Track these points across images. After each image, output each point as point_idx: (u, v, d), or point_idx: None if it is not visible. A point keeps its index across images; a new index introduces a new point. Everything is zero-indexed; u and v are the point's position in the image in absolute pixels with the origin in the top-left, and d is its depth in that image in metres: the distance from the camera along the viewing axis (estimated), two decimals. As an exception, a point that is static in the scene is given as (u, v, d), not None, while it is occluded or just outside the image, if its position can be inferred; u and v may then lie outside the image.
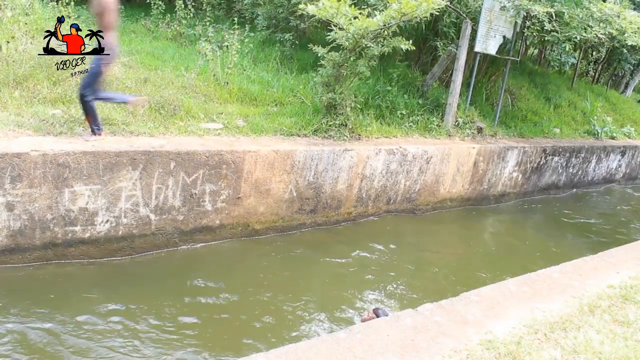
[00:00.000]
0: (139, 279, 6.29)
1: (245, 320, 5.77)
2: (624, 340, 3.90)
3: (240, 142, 7.57)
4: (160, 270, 6.57)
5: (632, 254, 6.17)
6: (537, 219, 11.55)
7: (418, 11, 7.98)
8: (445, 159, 10.00)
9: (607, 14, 10.50)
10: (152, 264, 6.69)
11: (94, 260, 6.47)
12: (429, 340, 3.70)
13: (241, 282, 6.56)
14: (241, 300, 6.16)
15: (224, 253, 7.32)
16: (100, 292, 5.85)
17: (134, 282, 6.19)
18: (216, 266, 6.88)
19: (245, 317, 5.82)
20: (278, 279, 6.79)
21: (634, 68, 22.20)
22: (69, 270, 6.21)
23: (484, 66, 13.58)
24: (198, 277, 6.47)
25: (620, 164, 16.00)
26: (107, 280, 6.14)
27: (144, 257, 6.77)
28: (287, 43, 11.27)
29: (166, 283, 6.24)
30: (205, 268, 6.78)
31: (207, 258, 7.10)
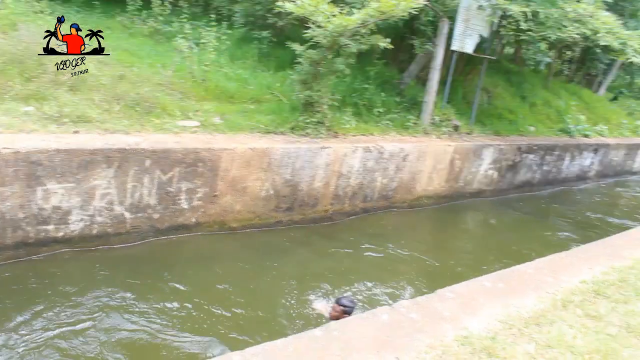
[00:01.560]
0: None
1: (219, 318, 5.75)
2: (596, 334, 3.97)
3: (217, 140, 7.53)
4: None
5: (603, 250, 6.26)
6: (512, 216, 11.67)
7: (397, 10, 8.01)
8: (421, 156, 10.06)
9: (581, 15, 10.63)
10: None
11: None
12: (405, 336, 3.71)
13: (215, 280, 6.52)
14: (215, 299, 6.12)
15: (199, 250, 7.28)
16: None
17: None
18: (190, 263, 6.83)
19: (218, 316, 5.79)
20: (253, 277, 6.76)
21: (606, 68, 22.53)
22: (42, 267, 6.12)
23: (460, 65, 13.67)
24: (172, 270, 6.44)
25: (593, 161, 16.24)
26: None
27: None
28: (264, 40, 11.22)
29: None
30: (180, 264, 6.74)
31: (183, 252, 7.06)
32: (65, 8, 11.05)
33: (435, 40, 10.87)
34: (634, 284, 5.08)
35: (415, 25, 11.43)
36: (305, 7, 7.92)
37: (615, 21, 11.20)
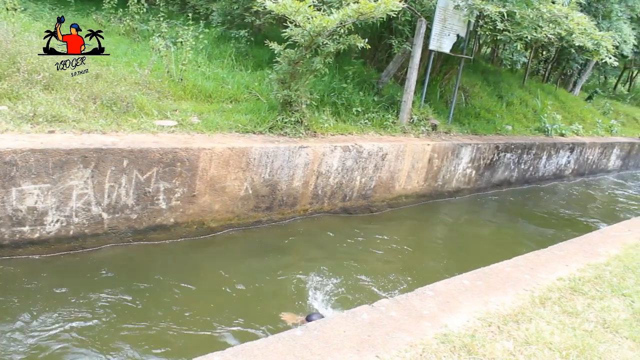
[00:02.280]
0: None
1: (198, 318, 5.71)
2: (573, 330, 4.01)
3: (195, 140, 7.48)
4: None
5: (580, 247, 6.34)
6: (490, 214, 11.77)
7: (376, 12, 8.03)
8: (400, 155, 10.10)
9: (556, 15, 10.77)
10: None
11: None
12: (385, 335, 3.72)
13: (194, 279, 6.48)
14: (194, 298, 6.09)
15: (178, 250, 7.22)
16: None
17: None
18: (171, 263, 6.78)
19: (196, 316, 5.76)
20: (232, 276, 6.73)
21: (581, 68, 22.87)
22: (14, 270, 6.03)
23: (438, 64, 13.77)
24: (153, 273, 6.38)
25: (569, 160, 16.45)
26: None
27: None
28: (242, 39, 11.19)
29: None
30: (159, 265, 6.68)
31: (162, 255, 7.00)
32: (38, 5, 10.92)
33: (413, 40, 10.92)
34: (610, 280, 5.15)
35: (393, 25, 11.48)
36: (285, 6, 7.91)
37: (589, 22, 11.38)
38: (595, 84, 28.96)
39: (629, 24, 18.47)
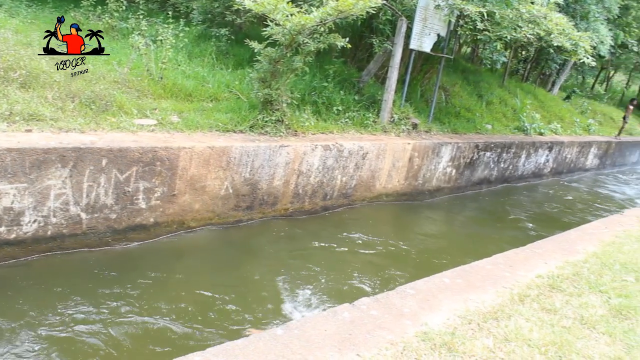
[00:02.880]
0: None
1: (177, 318, 5.68)
2: (551, 327, 4.05)
3: (175, 139, 7.43)
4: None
5: (558, 244, 6.41)
6: (470, 212, 11.85)
7: (355, 9, 8.05)
8: (381, 154, 10.12)
9: (535, 16, 10.88)
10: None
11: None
12: (366, 333, 3.73)
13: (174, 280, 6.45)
14: (175, 298, 6.05)
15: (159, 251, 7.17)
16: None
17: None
18: (149, 263, 6.72)
19: (176, 316, 5.72)
20: (212, 276, 6.71)
21: (560, 67, 23.11)
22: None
23: (419, 63, 13.83)
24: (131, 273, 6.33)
25: (548, 159, 16.62)
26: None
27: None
28: (222, 38, 11.13)
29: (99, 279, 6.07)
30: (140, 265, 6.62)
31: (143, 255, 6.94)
32: (14, 2, 10.76)
33: (394, 39, 10.96)
34: (587, 277, 5.21)
35: (373, 24, 11.51)
36: (264, 5, 7.89)
37: (567, 23, 11.52)
38: (573, 84, 29.27)
39: (606, 25, 18.71)
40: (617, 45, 23.50)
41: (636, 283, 5.21)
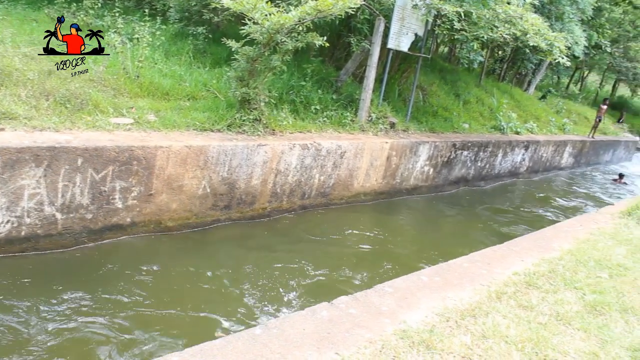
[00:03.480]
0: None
1: (154, 318, 5.63)
2: (528, 323, 4.09)
3: (152, 138, 7.37)
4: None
5: (534, 242, 6.48)
6: (448, 211, 11.93)
7: (334, 9, 8.05)
8: (358, 153, 10.14)
9: (512, 16, 10.99)
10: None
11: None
12: (345, 332, 3.73)
13: (151, 280, 6.39)
14: (152, 298, 6.00)
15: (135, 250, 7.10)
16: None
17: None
18: (126, 263, 6.65)
19: (152, 317, 5.68)
20: (189, 276, 6.66)
21: (535, 67, 23.41)
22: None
23: (396, 63, 13.88)
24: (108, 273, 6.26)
25: (524, 157, 16.80)
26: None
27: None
28: (200, 36, 11.06)
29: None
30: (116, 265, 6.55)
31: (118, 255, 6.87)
32: (-15, 0, 10.59)
33: (372, 39, 10.99)
34: (563, 274, 5.27)
35: (351, 23, 11.52)
36: (243, 3, 7.85)
37: (543, 23, 11.65)
38: (548, 84, 29.65)
39: (580, 26, 18.97)
40: (591, 46, 23.86)
41: (610, 279, 5.29)
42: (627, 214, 8.14)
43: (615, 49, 28.18)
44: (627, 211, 8.24)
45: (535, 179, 17.48)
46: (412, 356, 3.49)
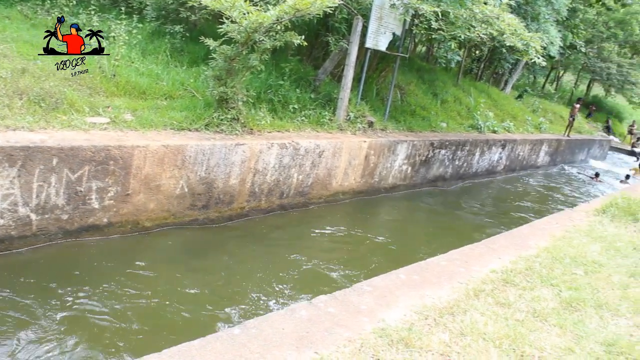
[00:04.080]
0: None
1: (134, 320, 5.58)
2: (505, 320, 4.12)
3: (129, 137, 7.29)
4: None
5: (511, 240, 6.53)
6: (426, 209, 11.99)
7: (312, 8, 8.05)
8: (337, 152, 10.15)
9: (488, 16, 11.09)
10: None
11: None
12: (324, 331, 3.72)
13: (129, 281, 6.33)
14: (131, 299, 5.94)
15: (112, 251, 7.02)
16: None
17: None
18: (104, 265, 6.58)
19: (131, 318, 5.62)
20: (168, 277, 6.61)
21: (512, 67, 23.65)
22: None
23: (374, 62, 13.92)
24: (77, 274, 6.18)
25: (502, 156, 16.95)
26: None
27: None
28: (177, 35, 10.97)
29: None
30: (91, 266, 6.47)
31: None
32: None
33: (350, 38, 11.00)
34: (539, 271, 5.32)
35: (329, 22, 11.52)
36: (221, 1, 7.81)
37: (519, 23, 11.78)
38: (525, 83, 29.96)
39: (555, 26, 19.21)
40: (566, 46, 24.18)
41: (585, 276, 5.35)
42: (602, 212, 8.24)
43: (590, 49, 28.60)
44: (602, 209, 8.34)
45: (512, 177, 17.65)
46: (391, 354, 3.49)
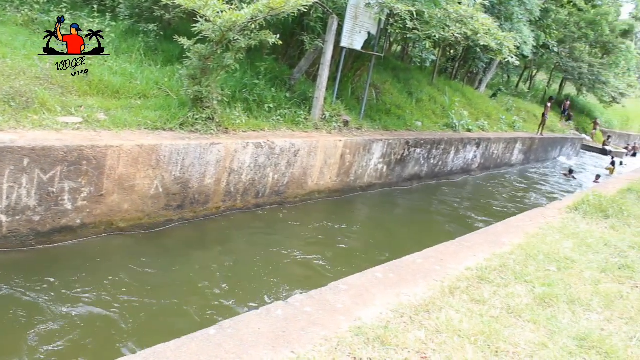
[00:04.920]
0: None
1: (108, 323, 5.52)
2: (480, 317, 4.15)
3: (102, 137, 7.21)
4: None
5: (486, 237, 6.58)
6: (402, 208, 12.05)
7: (287, 7, 8.03)
8: (312, 152, 10.15)
9: (463, 16, 11.19)
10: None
11: None
12: (300, 330, 3.71)
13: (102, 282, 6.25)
14: (106, 301, 5.87)
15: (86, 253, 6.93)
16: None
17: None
18: (76, 267, 6.49)
19: (107, 321, 5.56)
20: (143, 278, 6.54)
21: (486, 66, 23.89)
22: None
23: (349, 61, 13.94)
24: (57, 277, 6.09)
25: (476, 154, 17.10)
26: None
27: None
28: (151, 34, 10.86)
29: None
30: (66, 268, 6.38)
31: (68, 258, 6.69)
32: None
33: (325, 37, 11.01)
34: (513, 268, 5.37)
35: (305, 21, 11.51)
36: (194, 0, 7.76)
37: (493, 23, 11.90)
38: (499, 82, 30.26)
39: (528, 26, 19.43)
40: (539, 46, 24.48)
41: (558, 272, 5.42)
42: (574, 209, 8.35)
43: (562, 49, 28.97)
44: (574, 206, 8.45)
45: (487, 176, 17.81)
46: (367, 352, 3.50)
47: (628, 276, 5.53)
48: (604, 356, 3.76)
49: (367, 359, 3.42)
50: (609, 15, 29.88)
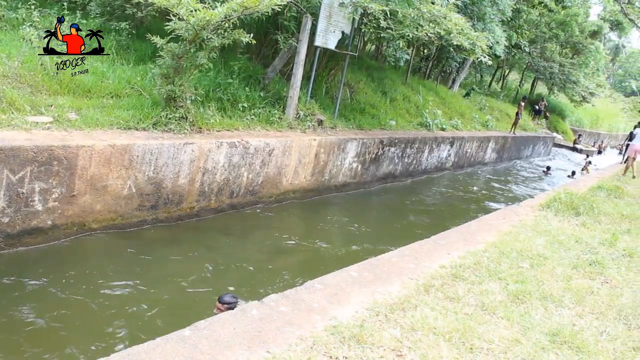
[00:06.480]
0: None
1: (81, 325, 5.44)
2: (455, 315, 4.18)
3: (73, 137, 7.10)
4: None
5: (460, 235, 6.64)
6: (376, 206, 12.10)
7: (261, 6, 8.01)
8: (287, 151, 10.13)
9: (436, 15, 11.27)
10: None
11: None
12: (276, 330, 3.70)
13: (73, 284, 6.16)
14: (80, 303, 5.79)
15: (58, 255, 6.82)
16: None
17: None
18: (48, 269, 6.38)
19: (80, 322, 5.48)
20: (115, 279, 6.46)
21: (459, 66, 24.08)
22: None
23: (324, 60, 13.93)
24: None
25: (450, 153, 17.24)
26: None
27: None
28: (123, 32, 10.72)
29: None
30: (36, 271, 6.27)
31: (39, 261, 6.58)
32: None
33: (299, 36, 10.99)
34: (487, 265, 5.42)
35: (278, 20, 11.48)
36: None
37: (465, 23, 12.02)
38: (472, 82, 30.52)
39: (501, 26, 19.65)
40: (511, 46, 24.76)
41: (531, 269, 5.49)
42: (546, 207, 8.47)
43: (533, 49, 29.34)
44: (546, 204, 8.57)
45: (461, 174, 17.97)
46: (343, 351, 3.50)
47: (598, 272, 5.63)
48: (576, 351, 3.82)
49: (343, 357, 3.42)
50: (579, 17, 30.33)
